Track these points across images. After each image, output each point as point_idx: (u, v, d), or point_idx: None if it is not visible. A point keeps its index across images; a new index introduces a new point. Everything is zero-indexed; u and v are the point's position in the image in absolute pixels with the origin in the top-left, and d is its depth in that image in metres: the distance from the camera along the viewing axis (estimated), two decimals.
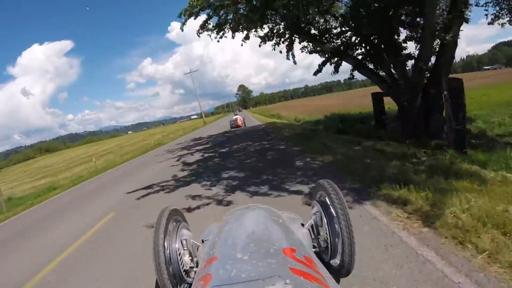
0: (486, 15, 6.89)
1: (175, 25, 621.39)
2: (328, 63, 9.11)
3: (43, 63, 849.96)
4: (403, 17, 7.75)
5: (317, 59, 9.53)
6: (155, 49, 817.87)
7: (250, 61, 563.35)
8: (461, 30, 6.47)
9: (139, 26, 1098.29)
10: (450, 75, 6.96)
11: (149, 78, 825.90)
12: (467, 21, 6.47)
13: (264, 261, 0.71)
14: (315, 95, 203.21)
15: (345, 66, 9.01)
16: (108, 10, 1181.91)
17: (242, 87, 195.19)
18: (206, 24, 8.73)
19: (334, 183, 1.40)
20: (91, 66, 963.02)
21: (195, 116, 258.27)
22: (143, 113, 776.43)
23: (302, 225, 1.26)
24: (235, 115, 25.55)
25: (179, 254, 1.21)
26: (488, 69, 73.82)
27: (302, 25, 8.40)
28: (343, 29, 8.60)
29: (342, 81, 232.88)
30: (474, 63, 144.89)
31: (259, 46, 9.36)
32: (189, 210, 4.22)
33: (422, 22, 7.03)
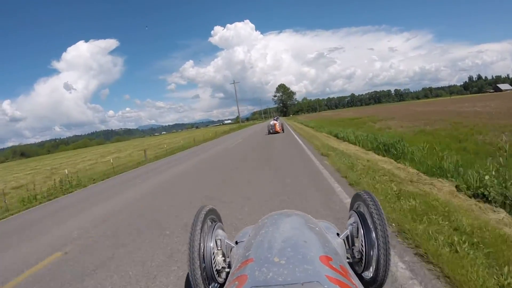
0: None
1: (218, 29, 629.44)
2: None
3: (87, 59, 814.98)
4: None
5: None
6: (198, 53, 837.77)
7: (291, 69, 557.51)
8: None
9: (183, 29, 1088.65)
10: None
11: (190, 80, 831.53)
12: None
13: (300, 266, 0.71)
14: (362, 105, 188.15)
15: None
16: (153, 12, 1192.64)
17: (282, 87, 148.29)
18: None
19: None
20: (134, 65, 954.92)
21: (229, 121, 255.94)
22: (183, 114, 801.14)
23: (338, 235, 1.21)
24: (274, 120, 22.73)
25: (213, 254, 1.21)
26: None
27: None
28: None
29: (393, 92, 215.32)
30: None
31: None
32: None
33: None
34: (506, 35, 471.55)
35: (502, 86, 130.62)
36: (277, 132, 20.36)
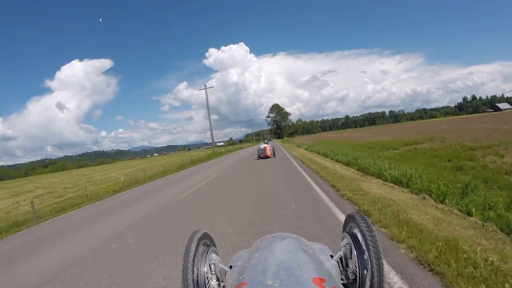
0: None
1: (213, 51, 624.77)
2: None
3: (81, 79, 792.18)
4: None
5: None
6: (192, 74, 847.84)
7: (285, 91, 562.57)
8: None
9: (178, 51, 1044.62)
10: None
11: (183, 101, 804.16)
12: None
13: None
14: (357, 126, 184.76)
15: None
16: (148, 33, 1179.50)
17: (276, 108, 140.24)
18: None
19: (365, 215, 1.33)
20: (127, 85, 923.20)
21: (222, 143, 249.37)
22: (176, 136, 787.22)
23: (332, 256, 1.17)
24: (265, 143, 21.03)
25: (207, 278, 1.13)
26: None
27: None
28: None
29: (388, 113, 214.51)
30: None
31: None
32: None
33: None
34: (496, 56, 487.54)
35: (502, 105, 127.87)
36: (267, 157, 18.41)
